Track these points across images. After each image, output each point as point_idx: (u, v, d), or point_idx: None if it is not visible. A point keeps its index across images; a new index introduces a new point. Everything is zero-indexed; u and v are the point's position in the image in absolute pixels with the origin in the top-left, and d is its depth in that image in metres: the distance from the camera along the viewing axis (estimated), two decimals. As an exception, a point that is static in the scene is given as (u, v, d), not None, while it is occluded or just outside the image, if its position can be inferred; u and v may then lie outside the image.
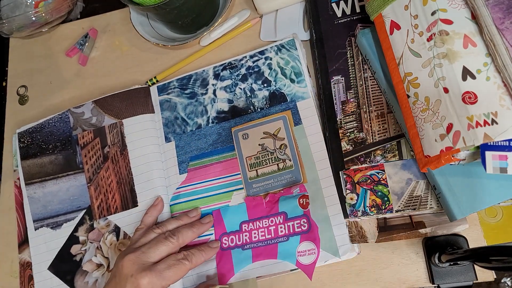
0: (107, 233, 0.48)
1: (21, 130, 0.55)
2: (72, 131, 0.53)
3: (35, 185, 0.52)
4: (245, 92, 0.51)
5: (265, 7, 0.53)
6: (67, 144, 0.53)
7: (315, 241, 0.42)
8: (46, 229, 0.50)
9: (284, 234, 0.44)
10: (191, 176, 0.49)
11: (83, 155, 0.52)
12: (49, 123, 0.54)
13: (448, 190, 0.37)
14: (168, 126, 0.52)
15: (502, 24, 0.33)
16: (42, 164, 0.53)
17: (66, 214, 0.50)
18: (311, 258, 0.42)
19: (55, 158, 0.53)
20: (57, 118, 0.54)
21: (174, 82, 0.54)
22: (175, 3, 0.47)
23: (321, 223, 0.43)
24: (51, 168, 0.53)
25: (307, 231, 0.43)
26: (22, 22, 0.58)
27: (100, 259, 0.47)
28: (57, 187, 0.52)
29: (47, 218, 0.51)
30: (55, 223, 0.50)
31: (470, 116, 0.33)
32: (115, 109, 0.52)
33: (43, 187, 0.52)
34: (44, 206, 0.51)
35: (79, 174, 0.51)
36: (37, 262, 0.49)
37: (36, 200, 0.52)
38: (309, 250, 0.42)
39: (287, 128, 0.47)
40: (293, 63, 0.50)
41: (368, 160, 0.42)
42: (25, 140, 0.55)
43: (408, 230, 0.40)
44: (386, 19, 0.40)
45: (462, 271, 0.40)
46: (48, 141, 0.54)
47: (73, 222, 0.50)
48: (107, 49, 0.60)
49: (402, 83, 0.38)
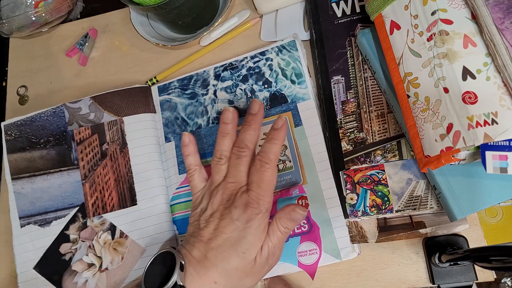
0: (101, 232, 0.47)
1: (7, 123, 0.53)
2: (67, 126, 0.52)
3: (23, 180, 0.51)
4: (245, 93, 0.51)
5: (265, 7, 0.53)
6: (61, 139, 0.52)
7: (316, 241, 0.42)
8: (33, 226, 0.49)
9: None
10: None
11: (79, 151, 0.51)
12: (40, 116, 0.53)
13: (448, 190, 0.37)
14: (168, 126, 0.52)
15: (502, 24, 0.33)
16: (32, 159, 0.51)
17: (57, 211, 0.49)
18: (313, 258, 0.42)
19: (47, 153, 0.51)
20: (51, 112, 0.53)
21: (175, 83, 0.53)
22: (175, 3, 0.47)
23: (322, 225, 0.43)
24: (42, 163, 0.51)
25: (307, 231, 0.43)
26: (22, 22, 0.58)
27: (92, 258, 0.46)
28: (48, 183, 0.50)
29: (34, 215, 0.49)
30: (44, 220, 0.49)
31: (470, 116, 0.33)
32: (115, 106, 0.52)
33: (31, 183, 0.50)
34: (32, 203, 0.50)
35: (74, 171, 0.50)
36: (22, 261, 0.48)
37: (24, 196, 0.50)
38: (310, 250, 0.42)
39: (288, 129, 0.47)
40: (294, 64, 0.50)
41: (368, 160, 0.42)
42: (12, 133, 0.53)
43: (408, 230, 0.40)
44: (386, 19, 0.40)
45: (463, 271, 0.40)
46: (39, 135, 0.52)
47: (64, 220, 0.48)
48: (107, 49, 0.60)
49: (402, 83, 0.38)
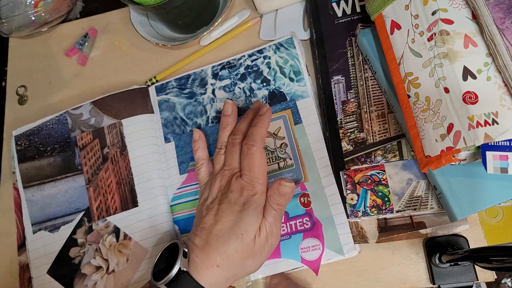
0: (106, 235, 0.48)
1: (18, 133, 0.54)
2: (70, 133, 0.53)
3: (34, 188, 0.52)
4: (244, 92, 0.51)
5: (265, 6, 0.53)
6: (65, 146, 0.52)
7: (319, 237, 0.42)
8: (44, 232, 0.50)
9: (286, 233, 0.43)
10: (191, 176, 0.49)
11: (82, 156, 0.51)
12: (46, 125, 0.54)
13: (448, 190, 0.37)
14: (167, 127, 0.52)
15: (503, 24, 0.33)
16: (41, 167, 0.52)
17: (64, 217, 0.50)
18: (316, 254, 0.42)
19: (54, 160, 0.52)
20: (55, 120, 0.54)
21: (173, 82, 0.53)
22: (175, 3, 0.47)
23: (324, 222, 0.43)
24: (50, 171, 0.52)
25: (310, 228, 0.43)
26: (21, 21, 0.57)
27: (99, 261, 0.47)
28: (56, 189, 0.51)
29: (45, 221, 0.50)
30: (53, 226, 0.50)
31: (471, 116, 0.32)
32: (114, 110, 0.52)
33: (41, 190, 0.51)
34: (42, 209, 0.51)
35: (78, 176, 0.51)
36: (36, 266, 0.49)
37: (35, 203, 0.51)
38: (313, 246, 0.42)
39: (287, 127, 0.47)
40: (292, 61, 0.50)
41: (368, 160, 0.42)
42: (22, 143, 0.54)
43: (409, 230, 0.40)
44: (387, 19, 0.40)
45: (463, 272, 0.40)
46: (46, 143, 0.53)
47: (71, 225, 0.49)
48: (107, 49, 0.60)
49: (402, 83, 0.38)
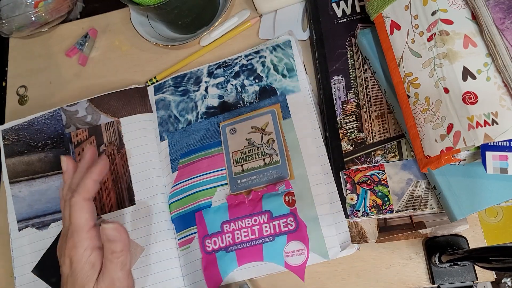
0: None
1: (5, 128, 0.53)
2: (64, 129, 0.52)
3: (21, 183, 0.50)
4: (236, 88, 0.50)
5: (265, 6, 0.53)
6: (58, 142, 0.51)
7: (304, 240, 0.41)
8: (31, 229, 0.48)
9: (270, 234, 0.42)
10: (181, 173, 0.48)
11: (77, 153, 0.51)
12: (38, 120, 0.53)
13: (448, 190, 0.37)
14: (163, 125, 0.51)
15: (503, 24, 0.33)
16: (30, 162, 0.51)
17: (55, 214, 0.49)
18: (300, 258, 0.41)
19: (45, 156, 0.51)
20: (48, 115, 0.53)
21: (169, 81, 0.53)
22: (175, 3, 0.47)
23: (309, 223, 0.42)
24: (40, 166, 0.51)
25: (294, 230, 0.42)
26: (22, 22, 0.57)
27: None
28: (46, 185, 0.50)
29: (32, 218, 0.49)
30: (42, 223, 0.48)
31: (471, 116, 0.33)
32: (112, 108, 0.52)
33: (29, 186, 0.50)
34: (30, 206, 0.49)
35: None
36: (20, 264, 0.48)
37: (21, 199, 0.50)
38: (298, 250, 0.41)
39: (276, 122, 0.46)
40: (286, 60, 0.49)
41: (368, 160, 0.42)
42: (10, 137, 0.53)
43: (409, 230, 0.40)
44: (386, 19, 0.40)
45: (463, 272, 0.40)
46: (36, 138, 0.52)
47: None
48: (107, 49, 0.60)
49: (402, 83, 0.38)
